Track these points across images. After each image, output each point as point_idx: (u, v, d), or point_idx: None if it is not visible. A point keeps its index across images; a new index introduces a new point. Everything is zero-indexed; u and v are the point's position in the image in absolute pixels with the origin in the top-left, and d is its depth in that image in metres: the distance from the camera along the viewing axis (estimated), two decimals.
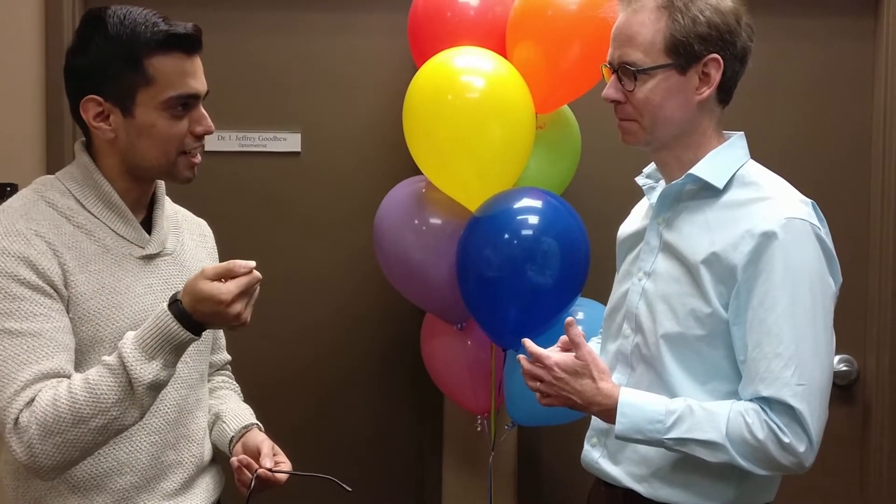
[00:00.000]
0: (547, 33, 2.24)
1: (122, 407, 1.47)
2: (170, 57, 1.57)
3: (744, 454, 1.55)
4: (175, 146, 1.60)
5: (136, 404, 1.49)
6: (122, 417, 1.48)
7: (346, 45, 2.68)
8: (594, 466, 1.77)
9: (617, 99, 1.67)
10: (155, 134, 1.58)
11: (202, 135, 1.63)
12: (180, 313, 1.48)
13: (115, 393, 1.47)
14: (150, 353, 1.47)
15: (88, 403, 1.46)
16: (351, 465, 2.70)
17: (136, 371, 1.46)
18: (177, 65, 1.58)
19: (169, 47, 1.56)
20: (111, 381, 1.47)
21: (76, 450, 1.48)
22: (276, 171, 2.67)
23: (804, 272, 1.56)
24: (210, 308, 1.47)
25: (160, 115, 1.58)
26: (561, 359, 1.66)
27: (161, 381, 1.49)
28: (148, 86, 1.56)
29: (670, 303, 1.64)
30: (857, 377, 2.74)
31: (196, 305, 1.47)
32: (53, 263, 1.53)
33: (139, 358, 1.47)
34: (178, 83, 1.58)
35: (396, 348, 2.72)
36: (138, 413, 1.50)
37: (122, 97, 1.57)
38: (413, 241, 2.34)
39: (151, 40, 1.55)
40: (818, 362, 1.56)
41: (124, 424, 1.50)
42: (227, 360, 1.99)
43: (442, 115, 2.20)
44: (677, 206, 1.70)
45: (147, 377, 1.47)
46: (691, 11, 1.60)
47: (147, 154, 1.60)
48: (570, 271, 2.18)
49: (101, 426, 1.47)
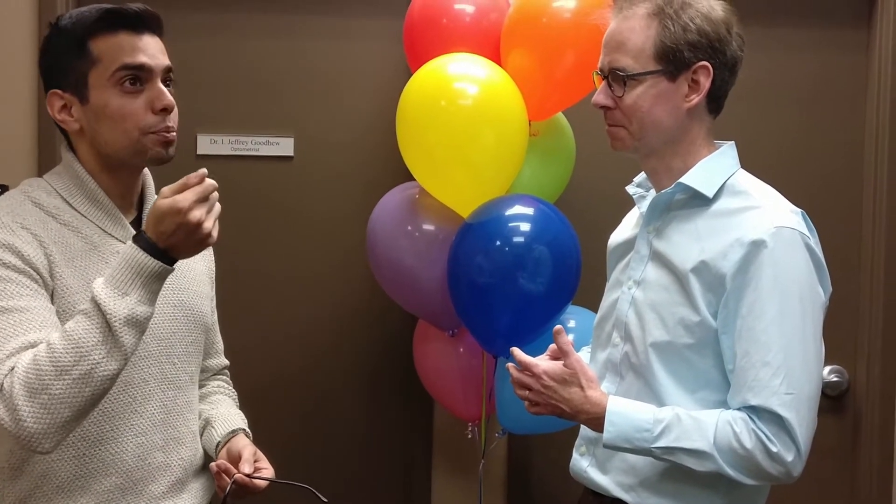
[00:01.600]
0: (541, 41, 2.24)
1: (104, 350, 1.44)
2: (114, 36, 1.58)
3: (731, 463, 1.55)
4: (133, 124, 1.58)
5: (117, 345, 1.44)
6: (105, 362, 1.44)
7: (340, 50, 2.68)
8: (582, 475, 1.76)
9: (606, 105, 1.67)
10: (109, 114, 1.58)
11: (162, 110, 1.59)
12: (146, 242, 1.46)
13: (92, 335, 1.43)
14: (122, 288, 1.45)
15: (68, 351, 1.42)
16: (340, 470, 2.70)
17: (111, 307, 1.43)
18: (121, 41, 1.58)
19: (112, 26, 1.58)
20: (87, 324, 1.44)
21: (64, 406, 1.43)
22: (269, 175, 2.67)
23: (793, 281, 1.56)
24: (172, 223, 1.44)
25: (111, 93, 1.58)
26: (549, 367, 1.65)
27: (138, 316, 1.46)
28: (95, 66, 1.58)
29: (659, 311, 1.64)
30: (847, 388, 2.74)
31: (159, 227, 1.45)
32: (39, 253, 1.54)
33: (111, 294, 1.44)
34: (121, 56, 1.57)
35: (388, 353, 2.71)
36: (120, 355, 1.46)
37: (77, 85, 1.59)
38: (406, 246, 2.34)
39: (92, 20, 1.58)
40: (807, 371, 1.56)
41: (109, 370, 1.45)
42: (224, 365, 1.98)
43: (435, 121, 2.20)
44: (667, 215, 1.70)
45: (122, 311, 1.44)
46: (682, 19, 1.61)
47: (109, 137, 1.60)
48: (561, 279, 2.18)
49: (84, 374, 1.43)
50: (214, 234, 1.48)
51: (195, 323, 1.74)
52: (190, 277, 1.75)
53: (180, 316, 1.70)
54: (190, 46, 2.58)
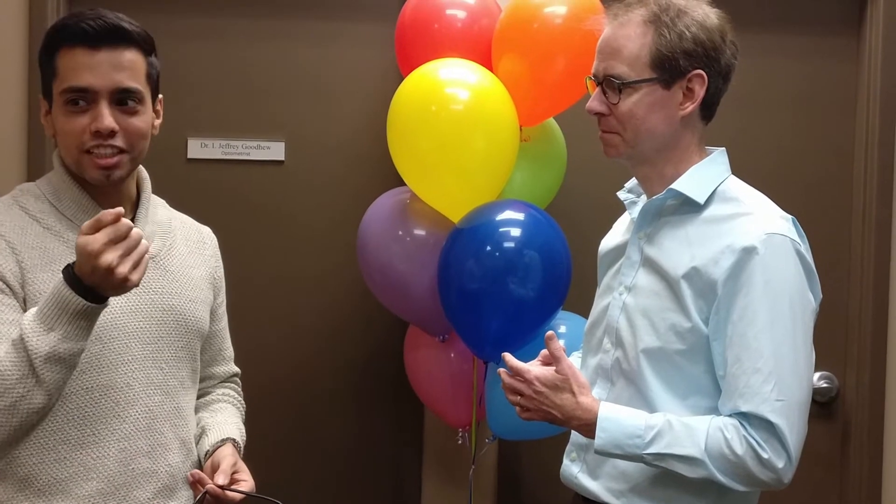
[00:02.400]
0: (532, 46, 2.25)
1: (27, 384, 1.42)
2: (73, 50, 1.57)
3: (722, 470, 1.55)
4: (73, 142, 1.58)
5: (39, 381, 1.42)
6: (28, 396, 1.43)
7: (331, 55, 2.68)
8: (573, 481, 1.76)
9: (601, 111, 1.67)
10: (59, 128, 1.59)
11: (96, 132, 1.56)
12: (72, 277, 1.42)
13: (17, 369, 1.42)
14: (48, 323, 1.42)
15: None
16: (330, 476, 2.69)
17: (32, 343, 1.41)
18: (76, 58, 1.56)
19: (71, 41, 1.56)
20: (14, 356, 1.43)
21: None
22: (260, 179, 2.66)
23: (784, 287, 1.56)
24: (85, 263, 1.40)
25: (61, 110, 1.58)
26: (541, 373, 1.65)
27: (61, 353, 1.42)
28: (55, 79, 1.58)
29: (650, 317, 1.64)
30: (837, 394, 2.75)
31: (79, 266, 1.41)
32: (10, 262, 1.53)
33: (36, 329, 1.42)
34: (70, 76, 1.56)
35: (378, 359, 2.71)
36: (43, 392, 1.43)
37: (47, 94, 1.61)
38: (396, 251, 2.33)
39: (57, 34, 1.58)
40: (797, 378, 1.56)
41: (33, 405, 1.44)
42: (232, 373, 1.95)
43: (426, 126, 2.20)
44: (658, 221, 1.70)
45: (43, 349, 1.41)
46: (677, 27, 1.61)
47: (63, 151, 1.62)
48: (551, 284, 2.17)
49: (8, 406, 1.42)
50: (134, 278, 1.42)
51: (186, 328, 1.71)
52: (183, 282, 1.73)
53: (169, 320, 1.68)
54: (181, 50, 2.57)
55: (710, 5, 1.67)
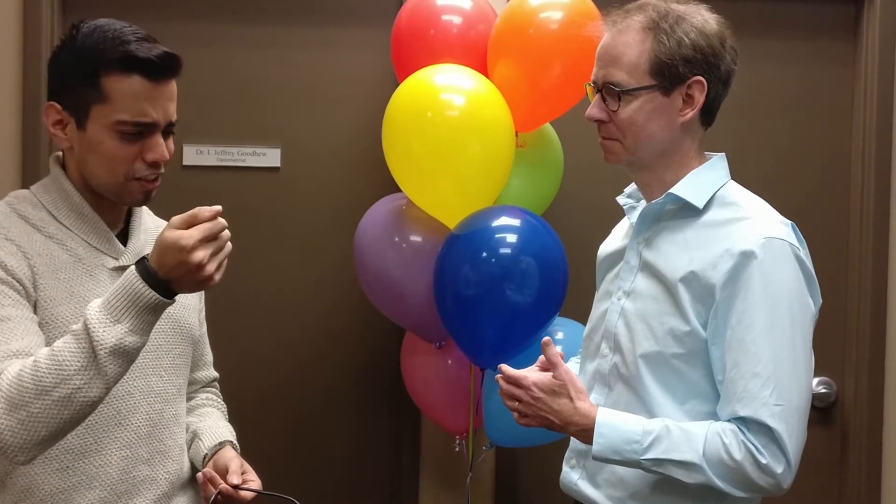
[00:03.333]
0: (528, 52, 2.24)
1: (86, 375, 1.40)
2: (129, 79, 1.54)
3: (721, 475, 1.54)
4: (122, 169, 1.57)
5: (100, 373, 1.40)
6: (86, 388, 1.40)
7: (327, 61, 2.68)
8: (572, 488, 1.75)
9: (601, 119, 1.67)
10: (102, 152, 1.56)
11: (153, 162, 1.58)
12: (146, 271, 1.41)
13: (77, 360, 1.40)
14: (115, 315, 1.40)
15: (51, 372, 1.39)
16: (327, 483, 2.68)
17: (99, 334, 1.39)
18: (134, 88, 1.54)
19: (128, 68, 1.53)
20: (74, 347, 1.40)
21: (42, 426, 1.40)
22: (256, 186, 2.66)
23: (783, 292, 1.56)
24: (173, 258, 1.39)
25: (109, 135, 1.55)
26: (539, 378, 1.65)
27: (127, 346, 1.41)
28: (102, 103, 1.54)
29: (649, 322, 1.64)
30: (835, 399, 2.74)
31: (161, 259, 1.40)
32: (23, 265, 1.52)
33: (103, 321, 1.40)
34: (132, 108, 1.54)
35: (375, 366, 2.70)
36: (102, 384, 1.41)
37: (77, 109, 1.56)
38: (392, 258, 2.33)
39: (110, 58, 1.53)
40: (796, 382, 1.55)
41: (89, 397, 1.41)
42: (213, 378, 1.96)
43: (421, 132, 2.20)
44: (657, 226, 1.70)
45: (109, 340, 1.39)
46: (676, 33, 1.61)
47: (95, 171, 1.58)
48: (547, 290, 2.17)
49: (64, 397, 1.40)
50: (217, 278, 1.43)
51: (182, 335, 1.73)
52: None
53: (167, 328, 1.69)
54: None
55: (709, 11, 1.66)
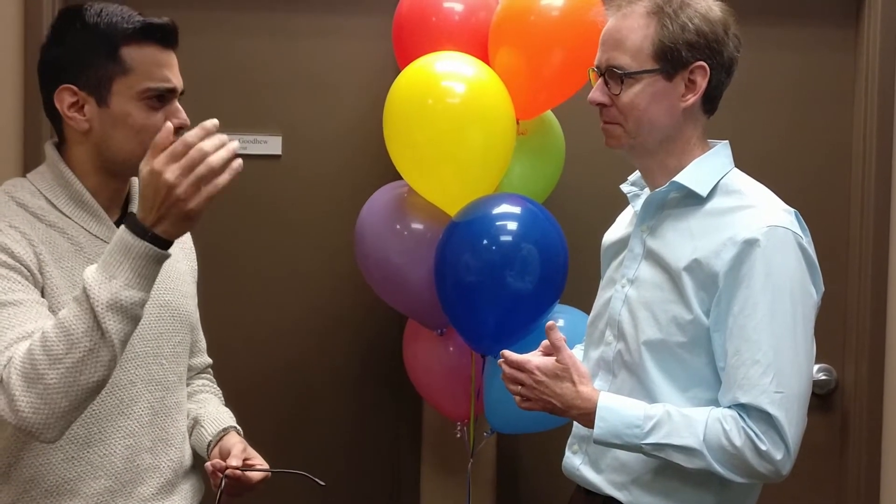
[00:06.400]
0: (529, 39, 2.24)
1: (94, 336, 1.39)
2: (147, 48, 1.57)
3: (721, 461, 1.55)
4: (151, 137, 1.54)
5: (103, 333, 1.39)
6: (96, 349, 1.39)
7: (329, 48, 2.67)
8: (575, 473, 1.76)
9: (603, 102, 1.67)
10: (130, 124, 1.57)
11: (178, 128, 1.58)
12: (132, 222, 1.40)
13: (82, 322, 1.39)
14: (110, 272, 1.39)
15: (60, 340, 1.39)
16: (328, 470, 2.65)
17: (94, 291, 1.38)
18: (154, 56, 1.57)
19: (146, 37, 1.56)
20: (77, 311, 1.40)
21: (61, 396, 1.39)
22: (257, 174, 2.65)
23: (785, 280, 1.56)
24: (150, 189, 1.37)
25: (136, 106, 1.56)
26: (542, 362, 1.65)
27: (123, 301, 1.39)
28: (125, 75, 1.56)
29: (652, 310, 1.64)
30: (835, 386, 2.75)
31: (142, 200, 1.39)
32: (29, 252, 1.52)
33: (98, 278, 1.39)
34: (155, 74, 1.57)
35: (377, 353, 2.70)
36: (107, 345, 1.40)
37: (98, 86, 1.56)
38: (394, 245, 2.33)
39: (128, 29, 1.56)
40: (797, 370, 1.56)
41: (101, 359, 1.40)
42: (207, 364, 1.96)
43: (422, 120, 2.20)
44: (661, 214, 1.70)
45: (104, 296, 1.38)
46: (680, 18, 1.61)
47: (123, 146, 1.58)
48: (548, 278, 2.17)
49: (77, 362, 1.39)
50: (194, 204, 1.38)
51: (181, 323, 1.73)
52: (174, 277, 1.74)
53: (167, 316, 1.69)
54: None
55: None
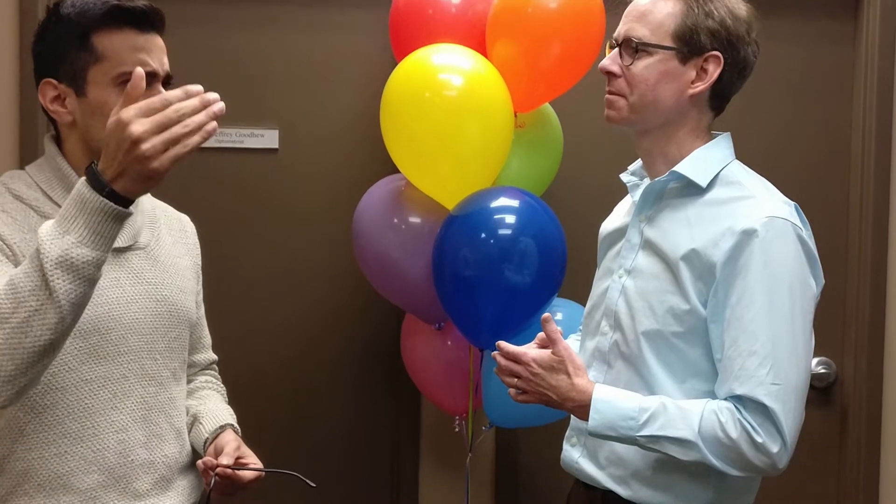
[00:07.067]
0: (526, 31, 2.23)
1: (41, 296, 1.31)
2: (120, 33, 1.55)
3: (716, 453, 1.54)
4: None
5: (50, 292, 1.30)
6: (42, 309, 1.31)
7: (325, 41, 2.66)
8: (574, 467, 1.76)
9: (612, 70, 1.68)
10: (107, 112, 1.49)
11: None
12: (91, 173, 1.32)
13: (30, 280, 1.31)
14: (64, 227, 1.31)
15: (7, 298, 1.32)
16: (326, 464, 2.68)
17: (45, 247, 1.29)
18: (127, 40, 1.55)
19: (117, 22, 1.54)
20: (28, 267, 1.32)
21: (6, 359, 1.33)
22: (254, 168, 2.65)
23: (783, 271, 1.56)
24: (114, 140, 1.29)
25: (112, 93, 1.54)
26: (538, 355, 1.65)
27: (74, 258, 1.30)
28: (98, 63, 1.54)
29: (649, 300, 1.64)
30: (835, 379, 2.74)
31: (106, 151, 1.30)
32: (17, 237, 1.52)
33: (51, 233, 1.31)
34: (128, 59, 1.54)
35: (375, 347, 2.70)
36: (53, 305, 1.31)
37: (75, 77, 1.55)
38: (392, 239, 2.32)
39: (97, 15, 1.54)
40: (794, 362, 1.55)
41: (47, 321, 1.32)
42: (212, 360, 1.96)
43: (419, 112, 2.19)
44: (660, 204, 1.70)
45: (54, 252, 1.29)
46: (707, 6, 1.63)
47: (102, 134, 1.55)
48: (546, 271, 2.16)
49: (21, 322, 1.31)
50: (157, 164, 1.28)
51: (178, 319, 1.72)
52: (173, 272, 1.73)
53: (162, 311, 1.68)
54: (173, 37, 2.53)
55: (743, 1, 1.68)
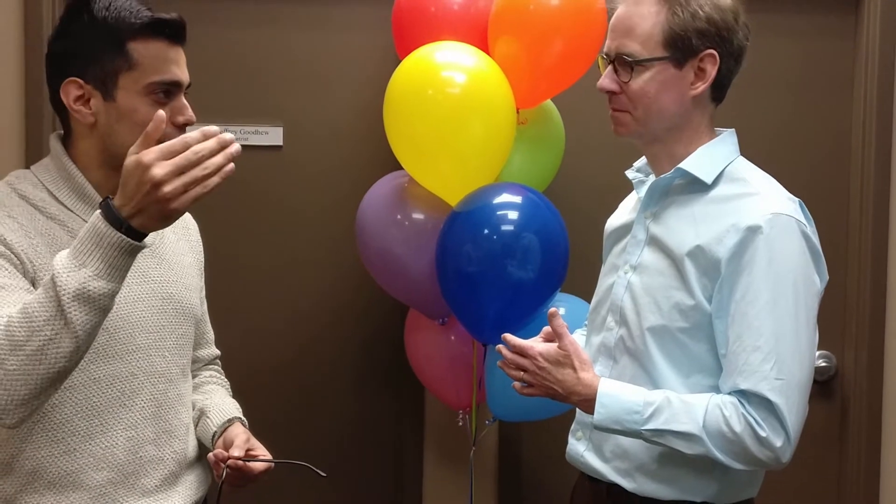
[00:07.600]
0: (529, 28, 2.24)
1: (55, 326, 1.35)
2: (154, 42, 1.57)
3: (720, 447, 1.56)
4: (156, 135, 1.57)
5: (67, 322, 1.34)
6: (56, 339, 1.35)
7: (329, 39, 2.67)
8: (579, 460, 1.77)
9: (612, 89, 1.67)
10: (136, 119, 1.56)
11: (183, 125, 1.60)
12: (108, 209, 1.35)
13: (45, 310, 1.35)
14: (80, 260, 1.35)
15: (22, 326, 1.36)
16: (330, 459, 2.69)
17: (62, 279, 1.34)
18: (160, 51, 1.58)
19: (153, 33, 1.57)
20: (42, 297, 1.36)
21: (20, 384, 1.37)
22: (258, 165, 2.66)
23: (788, 267, 1.56)
24: (133, 180, 1.32)
25: (142, 101, 1.57)
26: (544, 349, 1.66)
27: (91, 291, 1.35)
28: (130, 70, 1.56)
29: (654, 296, 1.65)
30: (835, 373, 2.75)
31: (123, 189, 1.34)
32: (24, 243, 1.52)
33: (68, 266, 1.35)
34: (161, 69, 1.57)
35: (379, 342, 2.71)
36: (71, 335, 1.35)
37: (104, 80, 1.56)
38: (395, 235, 2.33)
39: (136, 24, 1.56)
40: (798, 358, 1.56)
41: (62, 350, 1.36)
42: (215, 355, 1.97)
43: (422, 110, 2.20)
44: (665, 200, 1.71)
45: (72, 285, 1.33)
46: (691, 6, 1.62)
47: (127, 140, 1.55)
48: (549, 267, 2.17)
49: (36, 350, 1.35)
50: (177, 204, 1.33)
51: (185, 315, 1.73)
52: (178, 270, 1.74)
53: (169, 309, 1.69)
54: None
55: None
